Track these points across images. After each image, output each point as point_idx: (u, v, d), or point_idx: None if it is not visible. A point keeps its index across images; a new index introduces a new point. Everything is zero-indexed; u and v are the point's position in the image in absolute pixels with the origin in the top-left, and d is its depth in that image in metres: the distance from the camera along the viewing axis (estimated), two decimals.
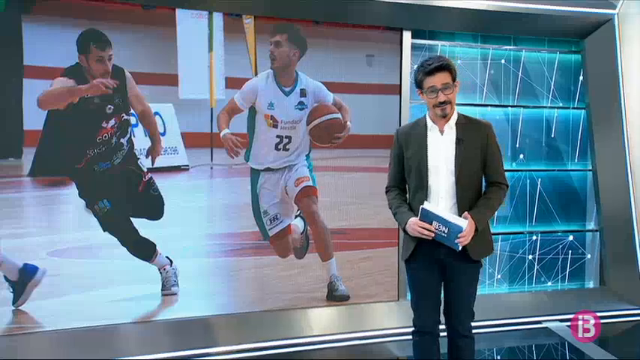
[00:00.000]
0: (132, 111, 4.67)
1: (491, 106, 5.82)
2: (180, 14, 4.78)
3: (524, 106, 5.91)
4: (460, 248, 3.28)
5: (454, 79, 3.35)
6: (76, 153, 4.52)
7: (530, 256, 5.98)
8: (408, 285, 3.54)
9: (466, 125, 3.38)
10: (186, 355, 4.57)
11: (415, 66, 5.39)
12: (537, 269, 6.02)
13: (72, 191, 4.53)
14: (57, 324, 4.46)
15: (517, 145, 5.91)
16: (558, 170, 6.03)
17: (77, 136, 4.52)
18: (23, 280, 4.39)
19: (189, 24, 4.80)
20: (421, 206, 3.28)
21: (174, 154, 4.85)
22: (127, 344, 4.54)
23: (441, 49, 5.61)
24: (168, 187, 4.73)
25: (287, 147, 4.99)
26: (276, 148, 4.97)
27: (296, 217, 5.11)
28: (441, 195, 3.34)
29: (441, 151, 3.34)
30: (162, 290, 4.74)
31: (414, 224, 3.31)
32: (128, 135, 4.64)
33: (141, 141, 4.71)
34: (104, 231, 4.57)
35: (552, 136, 6.00)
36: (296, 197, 5.01)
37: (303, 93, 5.03)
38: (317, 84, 5.06)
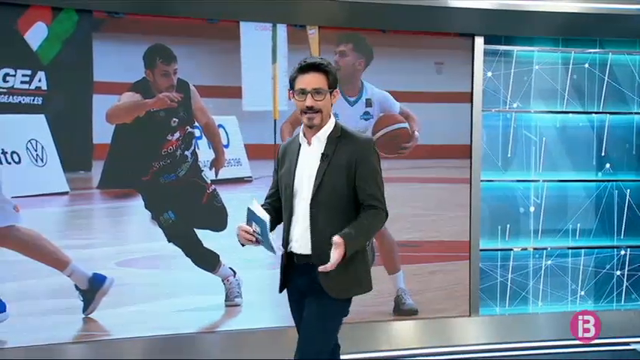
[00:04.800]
0: (196, 124, 4.74)
1: (573, 112, 5.54)
2: (244, 27, 4.82)
3: (611, 113, 5.59)
4: (276, 252, 2.84)
5: (331, 87, 2.86)
6: (142, 165, 4.63)
7: (619, 272, 5.63)
8: None
9: (339, 139, 2.89)
10: None
11: (488, 73, 5.27)
12: (627, 286, 5.66)
13: (138, 203, 4.65)
14: (124, 332, 4.57)
15: (603, 154, 5.60)
16: None
17: (143, 149, 4.64)
18: (92, 289, 4.53)
19: (253, 36, 4.83)
20: (247, 206, 2.85)
21: (238, 166, 4.88)
22: (190, 354, 4.60)
23: (517, 54, 5.40)
24: (231, 198, 4.77)
25: None
26: None
27: None
28: (299, 217, 2.88)
29: (306, 167, 2.90)
30: (225, 301, 4.78)
31: (238, 228, 2.88)
32: (192, 147, 4.72)
33: (205, 153, 4.77)
34: (169, 242, 4.66)
35: None
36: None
37: (368, 103, 4.96)
38: (383, 93, 4.99)
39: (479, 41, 5.20)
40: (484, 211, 5.28)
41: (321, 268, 2.75)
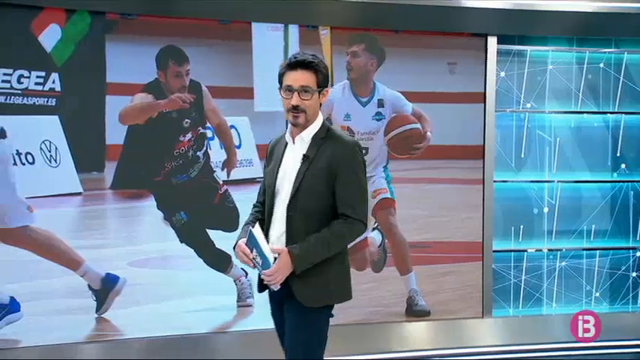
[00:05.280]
0: (208, 124, 4.76)
1: (587, 112, 5.49)
2: (256, 28, 4.82)
3: (626, 113, 5.53)
4: (276, 288, 2.70)
5: (320, 86, 2.74)
6: (154, 166, 4.65)
7: (634, 274, 5.58)
8: None
9: (323, 141, 2.74)
10: None
11: (502, 73, 5.24)
12: None
13: (150, 203, 4.67)
14: (137, 332, 4.60)
15: (618, 154, 5.54)
16: None
17: (156, 150, 4.66)
18: (105, 289, 4.55)
19: (265, 37, 4.84)
20: (250, 228, 2.73)
21: (250, 167, 4.90)
22: (202, 354, 4.62)
23: (531, 54, 5.36)
24: (243, 199, 4.77)
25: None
26: None
27: (373, 229, 5.03)
28: (277, 219, 2.75)
29: (288, 167, 2.77)
30: (237, 301, 4.79)
31: (238, 247, 2.75)
32: (204, 148, 4.74)
33: (217, 154, 4.79)
34: (181, 242, 4.68)
35: None
36: (373, 209, 4.93)
37: (380, 103, 4.95)
38: (395, 94, 4.98)
39: (492, 41, 5.16)
40: (497, 212, 5.25)
41: (266, 279, 2.66)
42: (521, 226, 5.37)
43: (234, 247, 2.80)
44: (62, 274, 4.45)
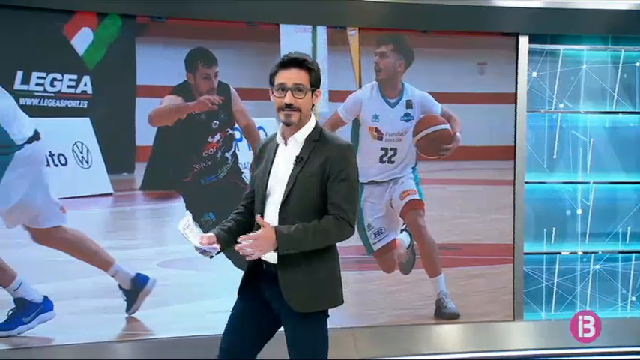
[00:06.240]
0: (236, 126, 4.79)
1: (623, 112, 5.39)
2: (284, 29, 4.84)
3: None
4: (213, 253, 2.75)
5: (313, 85, 2.71)
6: (183, 167, 4.70)
7: None
8: None
9: (317, 143, 2.71)
10: None
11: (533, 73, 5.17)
12: None
13: (179, 204, 4.71)
14: (166, 332, 4.64)
15: None
16: None
17: (184, 151, 4.71)
18: (136, 289, 4.61)
19: (293, 38, 4.85)
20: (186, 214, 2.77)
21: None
22: None
23: (564, 53, 5.28)
24: None
25: (392, 159, 4.91)
26: (381, 161, 4.91)
27: (402, 231, 5.01)
28: (269, 220, 2.68)
29: (280, 169, 2.73)
30: None
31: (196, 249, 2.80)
32: (232, 149, 4.77)
33: (245, 155, 4.81)
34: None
35: None
36: (402, 211, 4.92)
37: (409, 104, 4.93)
38: (424, 94, 4.95)
39: (523, 41, 5.09)
40: (528, 213, 5.18)
41: (241, 246, 2.61)
42: (554, 228, 5.29)
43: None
44: (94, 273, 4.52)
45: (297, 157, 2.71)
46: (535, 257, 5.26)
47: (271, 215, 2.71)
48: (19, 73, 4.41)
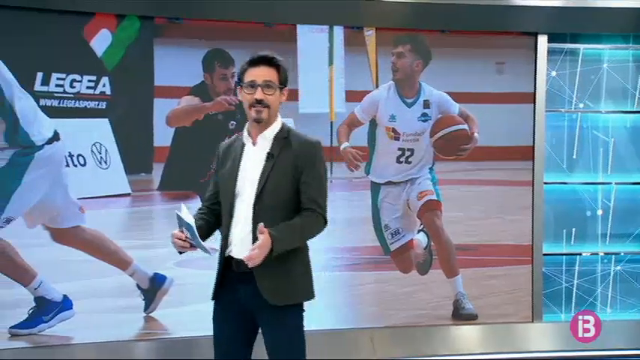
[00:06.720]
0: None
1: None
2: (301, 29, 4.85)
3: None
4: (211, 253, 2.74)
5: (282, 83, 2.76)
6: (200, 168, 4.70)
7: None
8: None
9: (286, 140, 2.76)
10: None
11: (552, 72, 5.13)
12: None
13: (197, 204, 4.70)
14: (183, 331, 4.67)
15: None
16: None
17: (202, 152, 4.71)
18: (153, 288, 4.63)
19: (310, 39, 4.86)
20: (176, 212, 2.73)
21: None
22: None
23: (584, 52, 5.23)
24: None
25: (409, 160, 4.90)
26: (398, 161, 4.90)
27: (419, 231, 5.00)
28: (240, 220, 2.71)
29: (250, 167, 2.75)
30: None
31: (172, 236, 2.76)
32: None
33: None
34: None
35: None
36: (419, 211, 4.91)
37: (426, 104, 4.91)
38: (441, 94, 4.93)
39: (542, 40, 5.05)
40: (547, 214, 5.13)
41: (244, 257, 2.61)
42: (573, 229, 5.24)
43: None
44: (112, 273, 4.55)
45: (268, 153, 2.74)
46: (554, 258, 5.22)
47: (242, 213, 2.72)
48: (39, 75, 4.47)
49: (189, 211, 2.77)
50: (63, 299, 4.48)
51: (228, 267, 2.78)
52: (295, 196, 2.73)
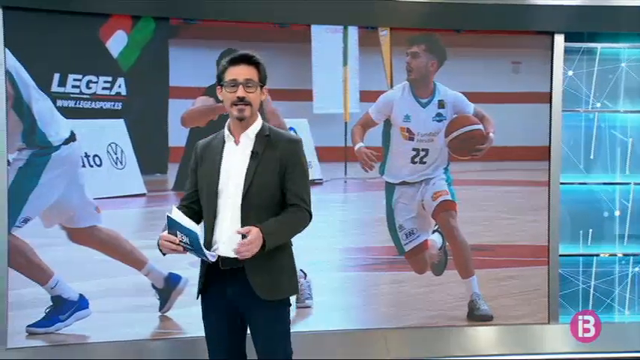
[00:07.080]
0: None
1: None
2: (315, 30, 4.85)
3: None
4: (212, 259, 2.73)
5: (261, 82, 2.81)
6: None
7: None
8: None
9: (268, 138, 2.81)
10: None
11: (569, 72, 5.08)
12: None
13: None
14: (198, 331, 4.64)
15: None
16: None
17: None
18: (168, 288, 4.66)
19: (324, 39, 4.86)
20: (167, 214, 2.74)
21: (309, 168, 4.91)
22: None
23: (602, 51, 5.17)
24: None
25: (424, 160, 4.88)
26: (412, 162, 4.88)
27: (434, 232, 4.98)
28: (226, 218, 2.75)
29: (233, 165, 2.79)
30: (296, 302, 4.78)
31: (161, 239, 2.78)
32: None
33: None
34: None
35: None
36: (434, 212, 4.88)
37: (441, 104, 4.89)
38: (456, 94, 4.90)
39: (559, 39, 5.00)
40: (564, 215, 5.09)
41: (240, 250, 2.64)
42: (590, 230, 5.19)
43: (158, 245, 2.83)
44: (128, 272, 4.58)
45: (252, 151, 2.79)
46: (571, 259, 5.17)
47: (228, 212, 2.76)
48: (56, 76, 4.52)
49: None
50: (79, 298, 4.52)
51: (214, 265, 2.80)
52: (279, 192, 2.79)
